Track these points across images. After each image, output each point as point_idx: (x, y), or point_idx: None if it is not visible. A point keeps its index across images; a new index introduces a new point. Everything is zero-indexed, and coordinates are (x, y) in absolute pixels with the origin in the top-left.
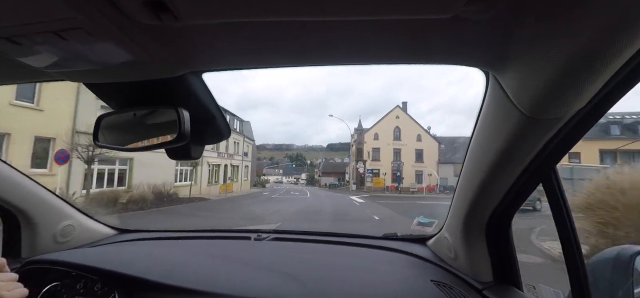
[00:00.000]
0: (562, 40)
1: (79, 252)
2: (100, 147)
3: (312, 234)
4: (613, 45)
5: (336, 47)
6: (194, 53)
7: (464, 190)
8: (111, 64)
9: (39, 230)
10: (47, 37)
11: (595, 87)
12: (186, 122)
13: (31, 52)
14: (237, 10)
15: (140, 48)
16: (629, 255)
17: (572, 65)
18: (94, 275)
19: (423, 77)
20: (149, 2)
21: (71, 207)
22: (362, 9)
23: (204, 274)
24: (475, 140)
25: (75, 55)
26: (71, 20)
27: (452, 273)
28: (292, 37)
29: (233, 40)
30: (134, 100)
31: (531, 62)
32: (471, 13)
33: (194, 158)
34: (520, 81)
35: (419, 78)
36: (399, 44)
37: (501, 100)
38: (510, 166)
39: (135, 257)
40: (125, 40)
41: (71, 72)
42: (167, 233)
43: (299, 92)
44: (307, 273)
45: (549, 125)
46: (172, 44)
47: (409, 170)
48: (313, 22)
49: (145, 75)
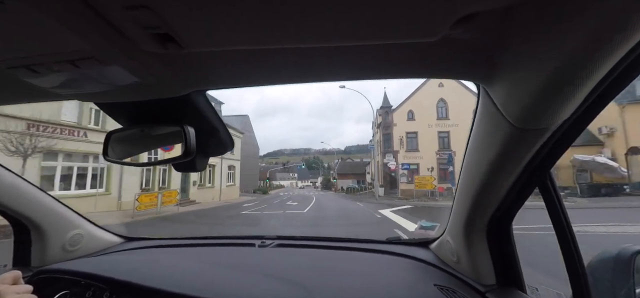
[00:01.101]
0: (546, 55)
1: (87, 261)
2: (110, 161)
3: (316, 240)
4: (594, 59)
5: (333, 67)
6: (198, 75)
7: (463, 194)
8: (120, 86)
9: (48, 240)
10: (63, 66)
11: (579, 98)
12: (192, 139)
13: (46, 77)
14: (239, 40)
15: (147, 71)
16: (629, 255)
17: (556, 78)
18: (103, 283)
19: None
20: (156, 34)
21: (79, 216)
22: (354, 36)
23: (210, 282)
24: (470, 147)
25: (87, 79)
26: (85, 51)
27: (455, 277)
28: (292, 60)
29: (235, 63)
30: (142, 118)
31: (517, 76)
32: (458, 34)
33: (199, 171)
34: (508, 94)
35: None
36: (393, 63)
37: (492, 111)
38: (503, 174)
39: (142, 265)
40: (134, 66)
41: (82, 94)
42: (173, 241)
43: (316, 96)
44: (312, 279)
45: (537, 135)
46: (177, 67)
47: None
48: (306, 49)
49: (152, 95)
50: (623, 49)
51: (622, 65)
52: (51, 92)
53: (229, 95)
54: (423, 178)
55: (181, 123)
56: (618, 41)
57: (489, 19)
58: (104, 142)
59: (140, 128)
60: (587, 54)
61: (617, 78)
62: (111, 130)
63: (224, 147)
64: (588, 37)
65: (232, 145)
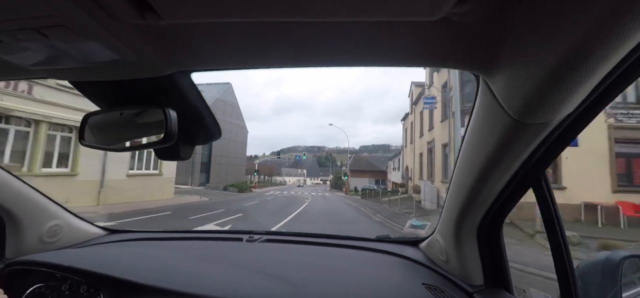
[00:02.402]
0: (549, 46)
1: (63, 253)
2: (86, 146)
3: (305, 235)
4: (599, 52)
5: (325, 48)
6: (182, 52)
7: (456, 193)
8: (97, 63)
9: (24, 230)
10: (28, 34)
11: (582, 93)
12: (173, 123)
13: (13, 49)
14: (223, 9)
15: (127, 47)
16: (618, 260)
17: (559, 71)
18: (80, 276)
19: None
20: (131, 0)
21: (59, 207)
22: (348, 10)
23: (194, 276)
24: (466, 142)
25: (60, 53)
26: (51, 18)
27: (444, 276)
28: (282, 38)
29: (222, 40)
30: (121, 100)
31: (519, 66)
32: (459, 16)
33: (183, 159)
34: (509, 85)
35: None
36: (392, 47)
37: (491, 103)
38: (500, 170)
39: (123, 258)
40: (110, 38)
41: (56, 70)
42: (157, 234)
43: (334, 95)
44: (299, 275)
45: (537, 130)
46: (159, 43)
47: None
48: (302, 23)
49: (133, 74)
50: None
51: (629, 59)
52: (23, 69)
53: (246, 90)
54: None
55: (162, 105)
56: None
57: (492, 2)
58: (80, 125)
59: (119, 110)
60: (592, 46)
61: (623, 73)
62: (88, 112)
63: (211, 135)
64: (594, 28)
65: (219, 133)
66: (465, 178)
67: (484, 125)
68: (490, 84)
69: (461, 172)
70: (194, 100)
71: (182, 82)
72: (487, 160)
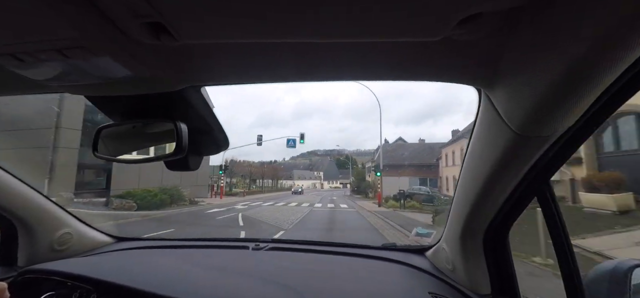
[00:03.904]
0: (549, 62)
1: (74, 262)
2: (100, 157)
3: (311, 244)
4: (598, 67)
5: (332, 65)
6: (194, 69)
7: (461, 202)
8: (112, 79)
9: (36, 239)
10: (50, 54)
11: (582, 107)
12: (184, 136)
13: (33, 67)
14: (237, 33)
15: (141, 64)
16: (626, 269)
17: (559, 86)
18: (90, 285)
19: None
20: (149, 24)
21: (69, 215)
22: (356, 32)
23: (201, 285)
24: (469, 154)
25: (77, 70)
26: (73, 40)
27: (450, 285)
28: (290, 55)
29: (232, 57)
30: (134, 113)
31: (520, 82)
32: (461, 35)
33: (192, 169)
34: (510, 100)
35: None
36: (395, 63)
37: (493, 117)
38: (502, 182)
39: (132, 266)
40: (126, 57)
41: (72, 86)
42: (165, 242)
43: (352, 97)
44: (306, 284)
45: (539, 143)
46: (172, 60)
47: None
48: (308, 43)
49: (146, 89)
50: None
51: (627, 75)
52: (40, 84)
53: (266, 98)
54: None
55: (174, 119)
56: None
57: (493, 21)
58: (94, 137)
59: (132, 123)
60: (590, 62)
61: (622, 88)
62: (102, 125)
63: (219, 146)
64: (591, 45)
65: (227, 144)
66: (469, 188)
67: (486, 137)
68: (492, 97)
69: (465, 182)
70: (204, 113)
71: (192, 97)
72: (489, 172)
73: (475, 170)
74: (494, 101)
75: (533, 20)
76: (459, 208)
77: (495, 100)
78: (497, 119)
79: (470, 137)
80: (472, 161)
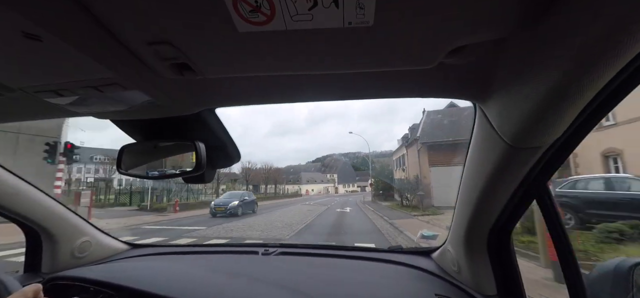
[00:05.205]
0: (536, 79)
1: (96, 269)
2: (123, 174)
3: (319, 248)
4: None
5: (338, 88)
6: (210, 95)
7: (463, 206)
8: (136, 106)
9: (59, 247)
10: (87, 90)
11: (569, 119)
12: (203, 154)
13: (68, 98)
14: (250, 68)
15: (163, 93)
16: (628, 267)
17: (546, 100)
18: (111, 290)
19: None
20: (174, 64)
21: (88, 224)
22: (356, 66)
23: (215, 290)
24: (468, 161)
25: (106, 100)
26: (109, 79)
27: (456, 287)
28: (302, 81)
29: (246, 83)
30: (155, 133)
31: (509, 97)
32: (453, 61)
33: (207, 182)
34: (501, 113)
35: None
36: (392, 85)
37: (487, 129)
38: (500, 188)
39: (149, 272)
40: (150, 88)
41: (99, 112)
42: (177, 248)
43: (367, 100)
44: (315, 288)
45: (531, 153)
46: (190, 88)
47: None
48: (317, 74)
49: (166, 113)
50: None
51: (610, 87)
52: (68, 110)
53: (280, 107)
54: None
55: (193, 139)
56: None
57: (482, 48)
58: (118, 156)
59: (154, 143)
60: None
61: (606, 100)
62: (125, 144)
63: (231, 159)
64: (573, 65)
65: (238, 157)
66: (469, 193)
67: (481, 148)
68: (486, 111)
69: (466, 187)
70: (218, 131)
71: (208, 118)
72: (487, 180)
73: (474, 178)
74: (488, 114)
75: (518, 46)
76: (462, 211)
77: (488, 113)
78: (490, 131)
79: (469, 146)
80: (471, 169)
